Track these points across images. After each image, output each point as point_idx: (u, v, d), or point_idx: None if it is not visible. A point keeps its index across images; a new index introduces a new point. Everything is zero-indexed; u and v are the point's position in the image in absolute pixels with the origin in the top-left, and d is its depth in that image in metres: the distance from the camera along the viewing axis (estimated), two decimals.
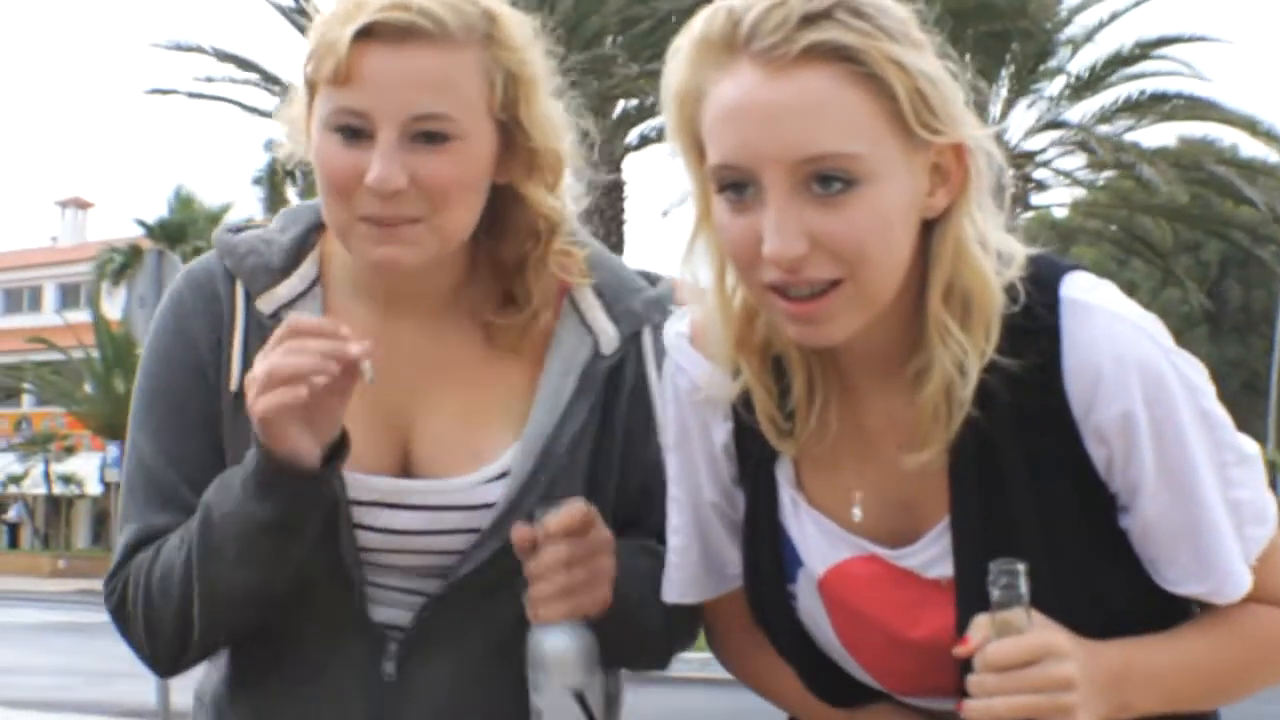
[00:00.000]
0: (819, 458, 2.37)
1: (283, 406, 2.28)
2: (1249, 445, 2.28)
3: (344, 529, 2.48)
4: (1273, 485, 2.29)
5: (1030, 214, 35.93)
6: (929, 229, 2.22)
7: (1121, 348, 2.18)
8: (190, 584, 2.44)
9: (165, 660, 2.57)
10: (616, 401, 2.63)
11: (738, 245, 2.17)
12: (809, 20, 2.11)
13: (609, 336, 2.62)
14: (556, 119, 2.55)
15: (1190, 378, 2.21)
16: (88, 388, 51.59)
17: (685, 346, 2.42)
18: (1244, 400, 52.04)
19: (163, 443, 2.56)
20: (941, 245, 2.21)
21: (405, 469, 2.56)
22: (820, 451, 2.36)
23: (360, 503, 2.50)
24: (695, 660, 2.58)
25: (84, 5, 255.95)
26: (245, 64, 29.87)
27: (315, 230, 2.61)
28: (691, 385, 2.41)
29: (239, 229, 2.68)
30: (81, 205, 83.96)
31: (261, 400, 2.29)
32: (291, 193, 34.07)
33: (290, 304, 2.54)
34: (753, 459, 2.41)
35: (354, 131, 2.40)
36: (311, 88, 2.47)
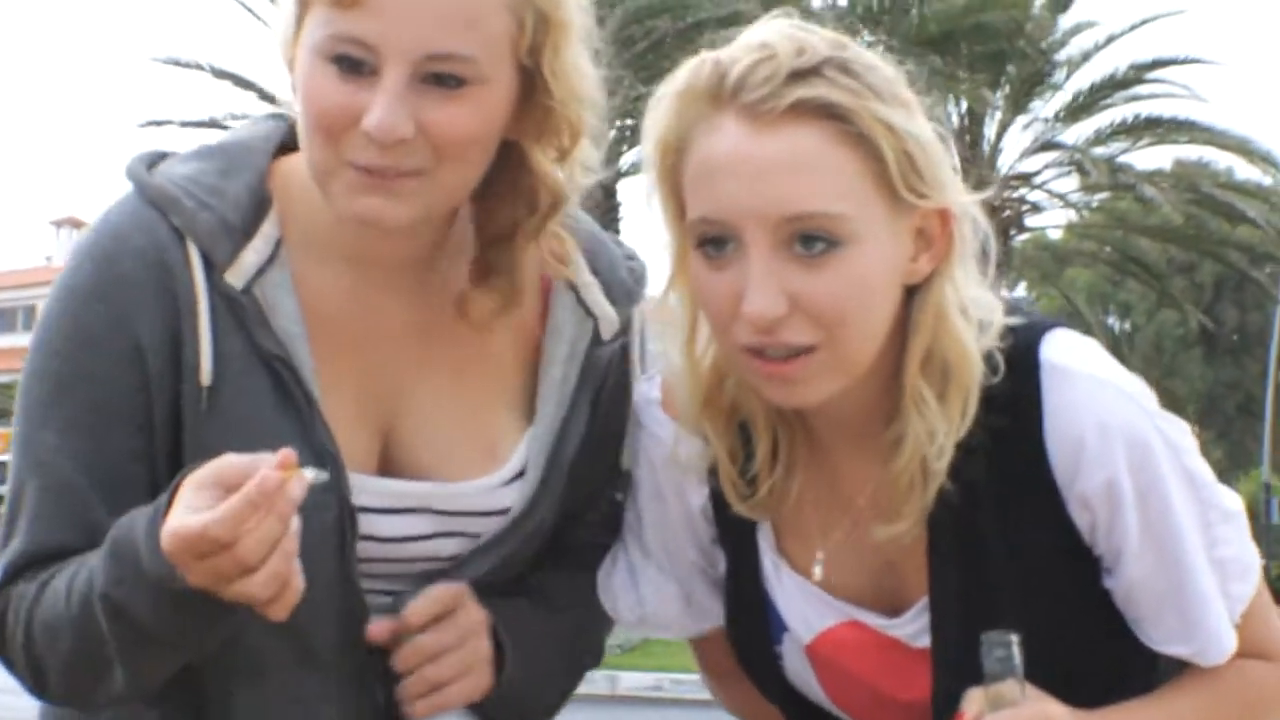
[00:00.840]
0: (800, 523, 2.34)
1: (283, 589, 1.94)
2: (1231, 501, 2.26)
3: (349, 546, 2.19)
4: (1269, 508, 2.29)
5: (1025, 236, 35.94)
6: (909, 294, 2.18)
7: (1104, 415, 2.16)
8: (85, 649, 2.07)
9: (57, 699, 2.23)
10: (603, 394, 2.42)
11: (715, 302, 2.13)
12: (797, 75, 2.08)
13: (609, 320, 2.40)
14: (585, 76, 2.25)
15: (1174, 440, 2.20)
16: None
17: (657, 413, 2.39)
18: (1239, 422, 52.07)
19: (74, 442, 2.13)
20: (922, 313, 2.17)
21: (388, 459, 2.28)
22: (800, 516, 2.33)
23: (364, 509, 2.21)
24: (690, 681, 2.56)
25: (80, 25, 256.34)
26: (242, 82, 29.79)
27: (265, 177, 2.24)
28: (665, 451, 2.37)
29: (154, 161, 2.26)
30: (76, 224, 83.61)
31: (260, 590, 1.91)
32: None
33: (260, 274, 2.18)
34: (732, 523, 2.36)
35: (354, 63, 2.08)
36: (303, 2, 2.13)
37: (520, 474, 2.33)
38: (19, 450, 2.17)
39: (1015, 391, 2.18)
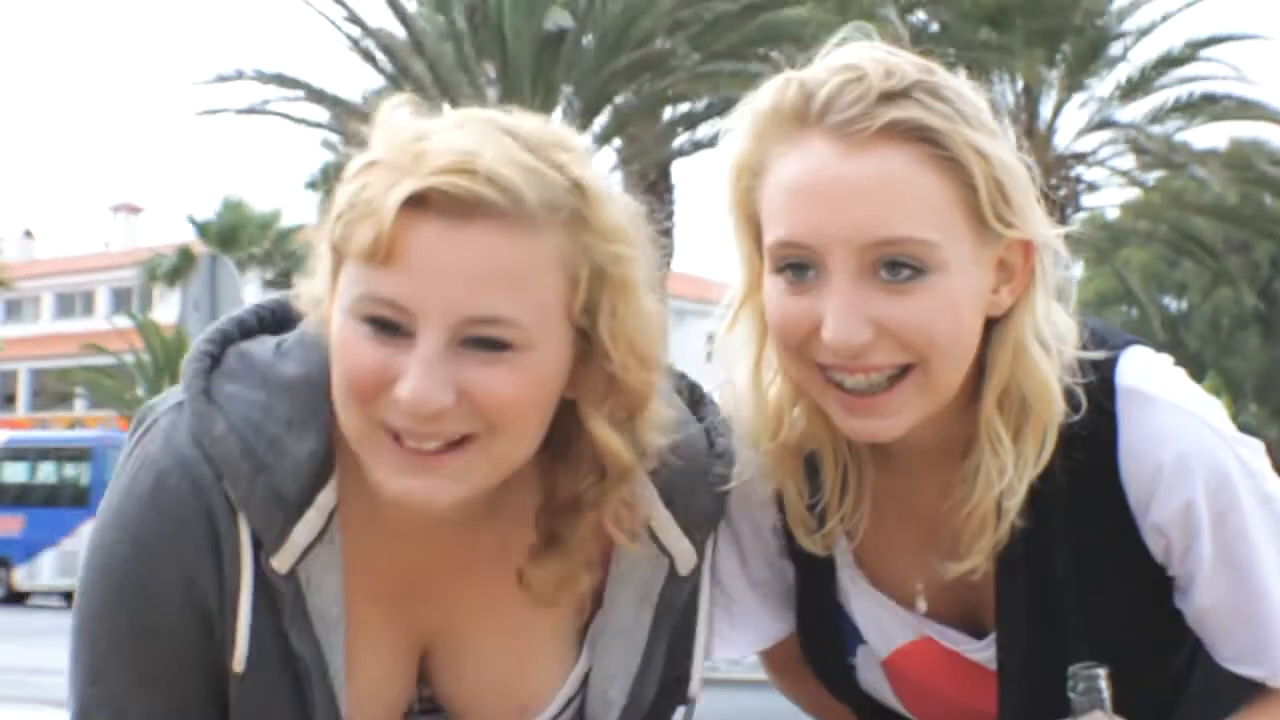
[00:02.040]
0: (878, 540, 2.30)
1: None
2: None
3: None
4: None
5: (1082, 215, 35.76)
6: (988, 328, 2.13)
7: (1182, 443, 2.14)
8: None
9: None
10: (680, 631, 2.27)
11: (791, 326, 2.08)
12: (888, 97, 2.03)
13: (685, 555, 2.19)
14: (650, 334, 2.03)
15: (1251, 465, 2.17)
16: (139, 391, 51.70)
17: None
18: None
19: (150, 698, 2.05)
20: (1001, 347, 2.13)
21: (422, 687, 2.20)
22: (876, 540, 2.30)
23: None
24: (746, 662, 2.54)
25: (134, 16, 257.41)
26: (289, 82, 29.85)
27: (330, 433, 2.03)
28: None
29: (219, 355, 2.10)
30: (133, 210, 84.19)
31: None
32: None
33: (305, 555, 2.04)
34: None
35: (388, 324, 1.91)
36: (337, 253, 1.97)
37: (560, 713, 2.23)
38: (85, 688, 2.08)
39: (1090, 421, 2.15)
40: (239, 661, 2.03)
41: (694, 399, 2.27)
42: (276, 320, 2.20)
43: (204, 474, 2.01)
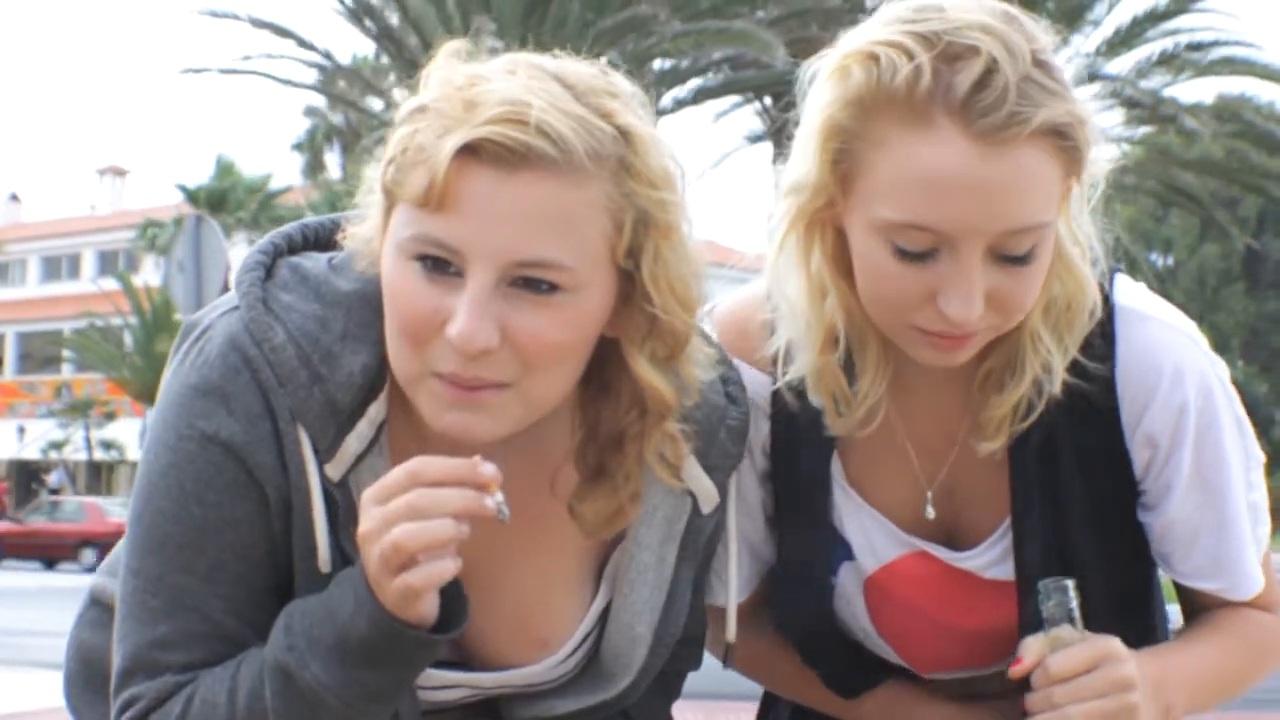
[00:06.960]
0: (872, 455, 2.35)
1: (431, 583, 1.94)
2: (1259, 448, 2.34)
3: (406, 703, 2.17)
4: None
5: None
6: None
7: (1178, 357, 2.23)
8: None
9: None
10: (703, 566, 2.34)
11: (904, 293, 2.10)
12: (1024, 93, 2.01)
13: (708, 494, 2.26)
14: (690, 277, 2.08)
15: (1228, 386, 2.28)
16: (128, 348, 51.76)
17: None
18: None
19: (222, 588, 2.08)
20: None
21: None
22: (874, 449, 2.34)
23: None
24: None
25: None
26: (281, 31, 29.89)
27: (383, 350, 2.08)
28: None
29: (275, 260, 2.17)
30: (119, 172, 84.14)
31: (407, 579, 1.92)
32: (331, 159, 33.86)
33: (356, 464, 2.10)
34: (800, 457, 2.38)
35: (439, 262, 1.96)
36: (389, 196, 2.02)
37: (576, 649, 2.28)
38: (150, 589, 2.09)
39: (1089, 334, 2.23)
40: (324, 563, 2.07)
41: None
42: (320, 241, 2.25)
43: (268, 376, 2.06)
